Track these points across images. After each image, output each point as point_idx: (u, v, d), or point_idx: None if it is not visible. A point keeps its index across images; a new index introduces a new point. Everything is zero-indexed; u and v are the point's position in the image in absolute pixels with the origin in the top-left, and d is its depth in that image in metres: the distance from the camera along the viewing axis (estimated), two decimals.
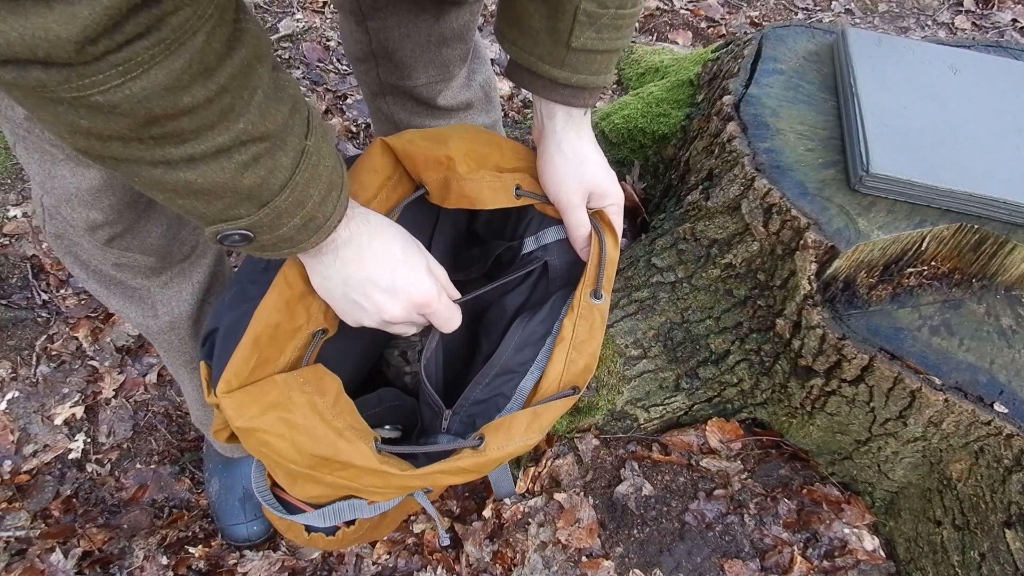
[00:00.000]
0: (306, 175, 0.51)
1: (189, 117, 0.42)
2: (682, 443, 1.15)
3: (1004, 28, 2.23)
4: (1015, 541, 0.89)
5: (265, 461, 0.67)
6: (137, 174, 0.45)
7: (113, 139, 0.41)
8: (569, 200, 0.73)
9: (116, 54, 0.36)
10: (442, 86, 0.98)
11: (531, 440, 0.68)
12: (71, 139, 0.42)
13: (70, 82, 0.36)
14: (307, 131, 0.52)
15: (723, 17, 2.21)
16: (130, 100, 0.38)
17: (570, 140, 0.72)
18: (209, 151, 0.44)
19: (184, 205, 0.49)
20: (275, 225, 0.52)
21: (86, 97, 0.37)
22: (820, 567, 1.02)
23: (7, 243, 1.49)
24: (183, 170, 0.45)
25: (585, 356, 0.72)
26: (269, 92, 0.47)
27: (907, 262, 0.95)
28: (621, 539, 1.06)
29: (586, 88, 0.69)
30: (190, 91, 0.40)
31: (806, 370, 0.99)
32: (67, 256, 0.82)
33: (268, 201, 0.50)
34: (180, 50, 0.38)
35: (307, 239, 0.55)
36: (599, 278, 0.74)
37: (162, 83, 0.39)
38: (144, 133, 0.41)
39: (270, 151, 0.48)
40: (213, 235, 0.52)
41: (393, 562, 1.09)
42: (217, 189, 0.47)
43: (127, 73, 0.37)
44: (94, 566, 1.10)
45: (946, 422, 0.90)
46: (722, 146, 1.02)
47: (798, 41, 1.16)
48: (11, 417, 1.27)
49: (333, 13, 2.07)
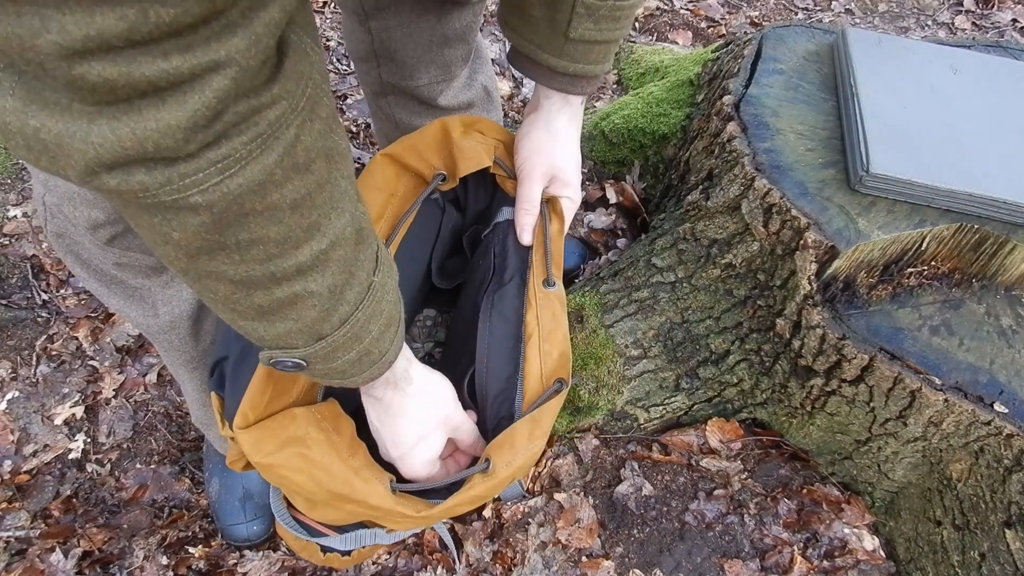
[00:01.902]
0: (368, 311, 0.51)
1: (277, 226, 0.41)
2: (682, 443, 1.15)
3: (1004, 28, 2.23)
4: (1015, 541, 0.89)
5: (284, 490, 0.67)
6: (215, 291, 0.45)
7: (202, 253, 0.41)
8: (531, 173, 0.74)
9: (216, 149, 0.36)
10: (443, 86, 0.98)
11: (536, 447, 0.67)
12: (162, 251, 0.42)
13: (171, 183, 0.36)
14: (376, 267, 0.51)
15: (723, 17, 2.21)
16: (226, 198, 0.38)
17: (559, 123, 0.74)
18: (291, 271, 0.44)
19: (245, 327, 0.49)
20: (330, 358, 0.51)
21: (185, 198, 0.36)
22: (820, 567, 1.02)
23: (7, 243, 1.49)
24: (261, 295, 0.44)
25: (557, 344, 0.71)
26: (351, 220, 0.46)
27: (907, 262, 0.95)
28: (621, 539, 1.06)
29: (584, 77, 0.70)
30: (281, 188, 0.40)
31: (806, 370, 0.99)
32: (68, 255, 0.82)
33: (327, 335, 0.49)
34: (275, 144, 0.38)
35: (360, 373, 0.55)
36: (547, 265, 0.73)
37: (256, 178, 0.38)
38: (231, 238, 0.40)
39: (342, 285, 0.48)
40: (266, 359, 0.51)
41: (393, 562, 1.09)
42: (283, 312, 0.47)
43: (226, 170, 0.37)
44: (94, 566, 1.10)
45: (946, 422, 0.90)
46: (722, 146, 1.02)
47: (798, 41, 1.16)
48: (11, 417, 1.27)
49: (333, 13, 2.07)
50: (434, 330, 0.86)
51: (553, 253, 0.74)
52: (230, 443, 0.67)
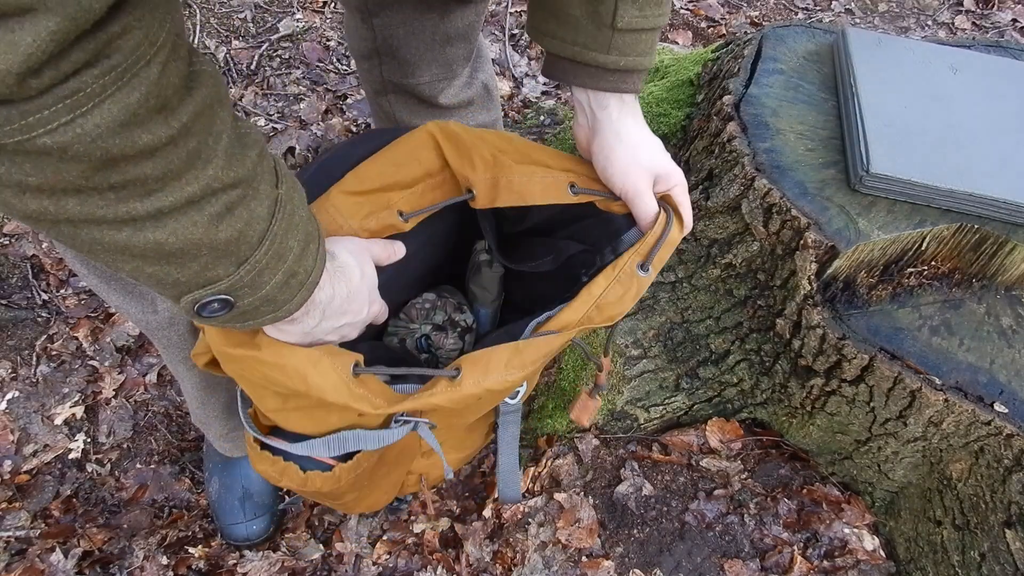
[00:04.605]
0: (283, 224, 0.48)
1: (152, 161, 0.38)
2: (682, 443, 1.15)
3: (1004, 28, 2.23)
4: (1015, 541, 0.89)
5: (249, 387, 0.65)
6: (99, 241, 0.40)
7: (68, 194, 0.37)
8: (636, 188, 0.70)
9: (63, 85, 0.32)
10: (444, 84, 0.98)
11: (511, 377, 0.64)
12: (20, 203, 0.37)
13: (11, 122, 0.32)
14: (277, 180, 0.49)
15: (723, 17, 2.21)
16: (83, 139, 0.34)
17: (628, 128, 0.70)
18: (178, 203, 0.41)
19: (155, 273, 0.44)
20: (256, 284, 0.48)
21: (32, 140, 0.33)
22: (820, 567, 1.02)
23: (7, 243, 1.49)
24: (151, 229, 0.41)
25: (602, 318, 0.68)
26: (234, 137, 0.44)
27: (907, 262, 0.95)
28: (621, 539, 1.06)
29: (635, 71, 0.67)
30: (149, 128, 0.37)
31: (806, 370, 0.99)
32: (67, 252, 0.82)
33: (247, 257, 0.46)
34: (134, 81, 0.35)
35: (291, 299, 0.52)
36: (652, 252, 0.70)
37: (117, 118, 0.35)
38: (102, 182, 0.37)
39: (243, 199, 0.45)
40: (190, 305, 0.47)
41: (393, 562, 1.09)
42: (191, 247, 0.43)
43: (76, 107, 0.33)
44: (94, 566, 1.11)
45: (946, 422, 0.90)
46: (722, 146, 1.02)
47: (798, 41, 1.16)
48: (11, 417, 1.27)
49: (333, 12, 2.07)
50: (432, 313, 0.86)
51: (665, 245, 0.70)
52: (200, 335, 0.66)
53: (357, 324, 0.65)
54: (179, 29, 0.39)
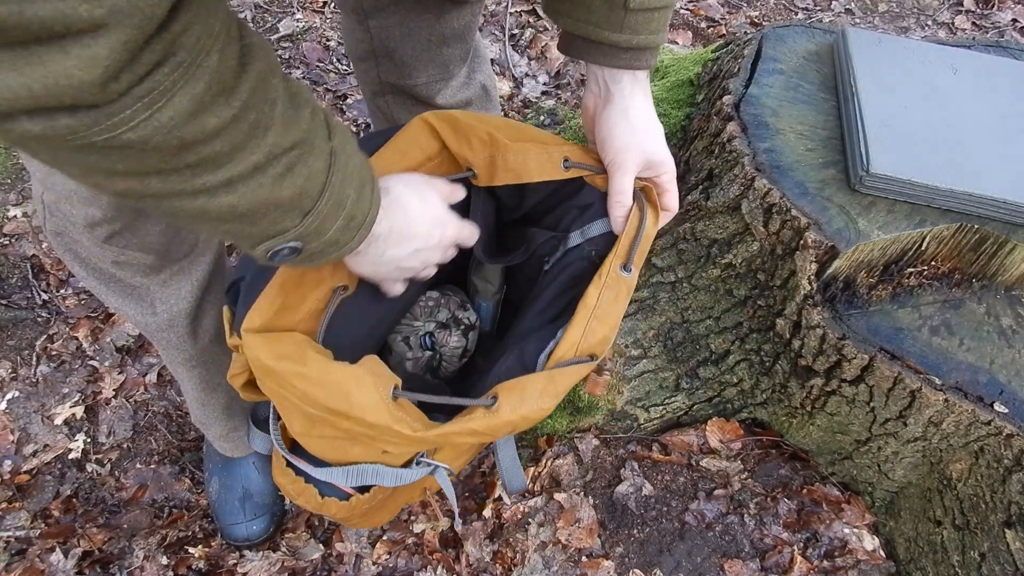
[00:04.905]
0: (340, 175, 0.52)
1: (220, 139, 0.42)
2: (682, 443, 1.15)
3: (1004, 28, 2.23)
4: (1015, 541, 0.89)
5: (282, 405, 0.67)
6: (180, 208, 0.45)
7: (151, 175, 0.41)
8: (624, 165, 0.72)
9: (139, 86, 0.36)
10: (442, 85, 0.98)
11: (546, 405, 0.66)
12: (109, 184, 0.42)
13: (98, 124, 0.36)
14: (329, 133, 0.52)
15: (723, 17, 2.21)
16: (160, 132, 0.38)
17: (637, 106, 0.72)
18: (246, 171, 0.45)
19: (230, 230, 0.49)
20: (320, 231, 0.53)
21: (117, 136, 0.37)
22: (820, 567, 1.02)
23: (7, 243, 1.49)
24: (223, 195, 0.45)
25: (605, 327, 0.70)
26: (287, 102, 0.47)
27: (907, 262, 0.95)
28: (621, 539, 1.06)
29: (648, 48, 0.68)
30: (215, 112, 0.41)
31: (806, 370, 0.99)
32: (67, 254, 0.82)
33: (310, 208, 0.51)
34: (198, 72, 0.39)
35: (351, 238, 0.57)
36: (632, 252, 0.72)
37: (187, 108, 0.39)
38: (180, 162, 0.41)
39: (302, 158, 0.49)
40: (264, 253, 0.53)
41: (393, 562, 1.09)
42: (259, 207, 0.48)
43: (152, 104, 0.37)
44: (94, 566, 1.11)
45: (946, 422, 0.90)
46: (722, 146, 1.02)
47: (798, 41, 1.16)
48: (11, 417, 1.27)
49: (333, 12, 2.07)
50: (436, 310, 0.87)
51: (643, 241, 0.73)
52: (235, 356, 0.68)
53: (434, 248, 0.69)
54: (230, 13, 0.42)
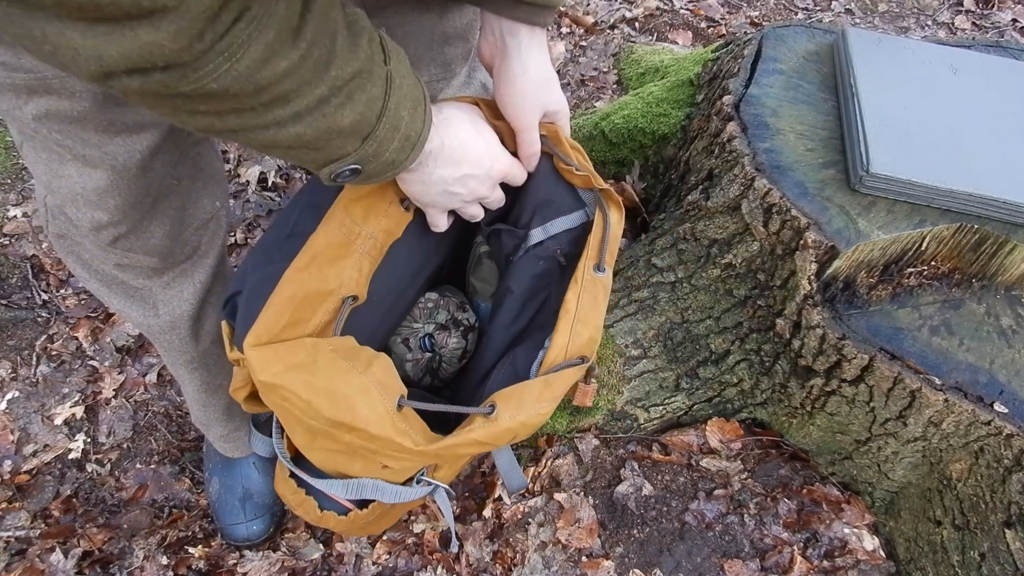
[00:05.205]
0: (395, 98, 0.55)
1: (289, 79, 0.45)
2: (682, 443, 1.15)
3: (1004, 28, 2.23)
4: (1015, 541, 0.89)
5: (285, 417, 0.68)
6: (253, 139, 0.50)
7: (229, 114, 0.46)
8: (529, 121, 0.74)
9: (220, 43, 0.40)
10: (443, 84, 0.98)
11: (543, 409, 0.68)
12: (192, 121, 0.46)
13: (187, 77, 0.40)
14: (385, 57, 0.54)
15: (723, 17, 2.21)
16: (239, 80, 0.42)
17: (534, 59, 0.72)
18: (311, 104, 0.48)
19: (297, 155, 0.53)
20: (379, 153, 0.56)
21: (203, 87, 0.41)
22: (820, 567, 1.02)
23: (7, 243, 1.49)
24: (291, 126, 0.49)
25: (589, 328, 0.72)
26: (346, 32, 0.49)
27: (907, 262, 0.95)
28: (621, 539, 1.06)
29: (548, 7, 0.68)
30: (284, 55, 0.44)
31: (806, 370, 0.99)
32: (69, 256, 0.82)
33: (369, 133, 0.54)
34: (268, 21, 0.41)
35: (406, 157, 0.59)
36: (602, 252, 0.74)
37: (261, 55, 0.42)
38: (254, 102, 0.45)
39: (361, 87, 0.51)
40: (327, 176, 0.57)
41: (393, 562, 1.09)
42: (323, 135, 0.51)
43: (232, 56, 0.41)
44: (94, 566, 1.11)
45: (946, 422, 0.90)
46: (722, 146, 1.02)
47: (798, 41, 1.16)
48: (11, 417, 1.27)
49: None
50: (435, 312, 0.87)
51: (611, 241, 0.75)
52: (236, 369, 0.69)
53: (482, 177, 0.71)
54: None
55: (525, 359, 0.72)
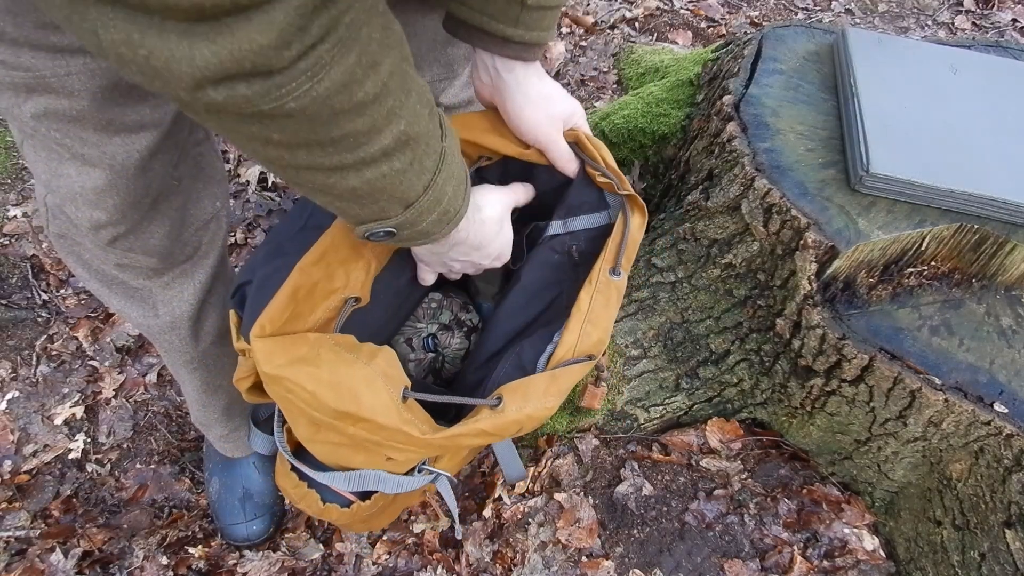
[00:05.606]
0: (444, 174, 0.56)
1: (362, 118, 0.45)
2: (682, 443, 1.15)
3: (1004, 28, 2.23)
4: (1015, 541, 0.89)
5: (288, 409, 0.68)
6: (312, 181, 0.50)
7: (300, 147, 0.45)
8: (548, 137, 0.75)
9: (305, 58, 0.39)
10: (446, 84, 0.98)
11: (549, 403, 0.68)
12: (263, 151, 0.46)
13: (270, 93, 0.40)
14: (442, 133, 0.55)
15: (723, 17, 2.21)
16: (316, 101, 0.42)
17: (533, 85, 0.73)
18: (376, 155, 0.48)
19: (342, 208, 0.54)
20: (416, 222, 0.57)
21: (282, 106, 0.41)
22: (820, 567, 1.02)
23: (7, 243, 1.49)
24: (352, 176, 0.49)
25: (599, 330, 0.73)
26: (417, 97, 0.50)
27: (907, 262, 0.95)
28: (621, 539, 1.06)
29: (538, 45, 0.70)
30: (362, 84, 0.44)
31: (806, 370, 0.99)
32: (69, 256, 0.82)
33: (413, 201, 0.55)
34: (351, 44, 0.41)
35: (439, 230, 0.61)
36: (619, 256, 0.75)
37: (341, 79, 0.42)
38: (325, 136, 0.45)
39: (417, 155, 0.52)
40: (361, 232, 0.57)
41: (393, 562, 1.09)
42: (375, 192, 0.52)
43: (314, 76, 0.40)
44: (94, 566, 1.11)
45: (946, 422, 0.91)
46: (722, 146, 1.02)
47: (798, 41, 1.16)
48: (11, 417, 1.27)
49: None
50: (439, 312, 0.87)
51: (629, 246, 0.76)
52: (240, 360, 0.69)
53: (484, 262, 0.74)
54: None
55: (532, 352, 0.73)
